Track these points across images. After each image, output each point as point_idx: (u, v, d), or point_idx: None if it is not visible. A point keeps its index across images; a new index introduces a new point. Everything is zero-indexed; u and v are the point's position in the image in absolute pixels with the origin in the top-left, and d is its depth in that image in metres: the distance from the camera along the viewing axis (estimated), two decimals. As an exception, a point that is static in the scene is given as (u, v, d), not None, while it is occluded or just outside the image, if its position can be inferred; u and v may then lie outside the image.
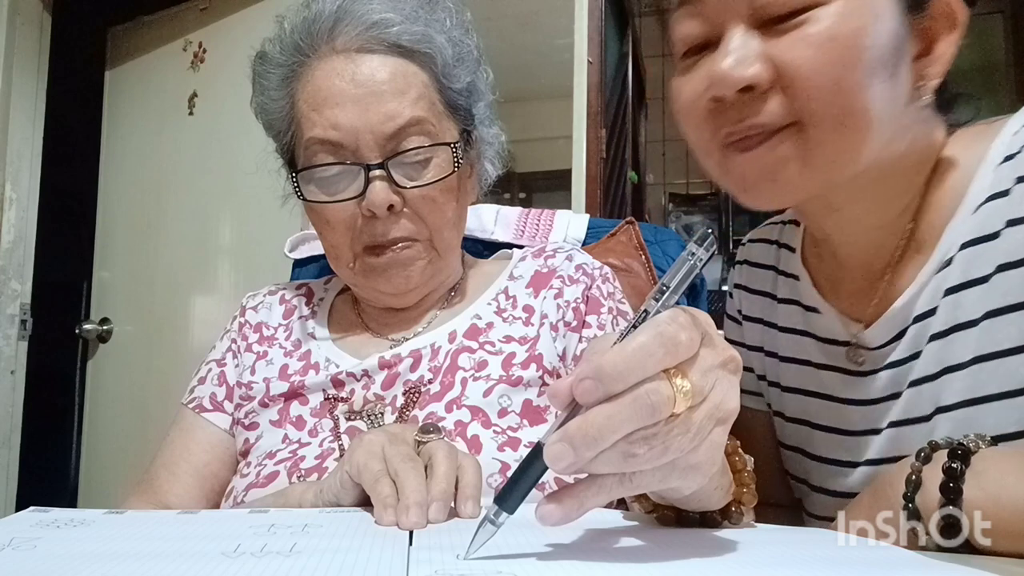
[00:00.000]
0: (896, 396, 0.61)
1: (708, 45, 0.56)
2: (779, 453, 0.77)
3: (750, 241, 0.81)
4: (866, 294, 0.65)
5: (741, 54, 0.53)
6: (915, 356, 0.60)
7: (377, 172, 0.73)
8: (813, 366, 0.69)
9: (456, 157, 0.76)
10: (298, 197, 0.78)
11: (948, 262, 0.58)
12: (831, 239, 0.67)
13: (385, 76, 0.73)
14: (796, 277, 0.73)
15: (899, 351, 0.62)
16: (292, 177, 0.77)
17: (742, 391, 0.83)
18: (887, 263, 0.63)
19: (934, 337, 0.58)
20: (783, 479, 0.76)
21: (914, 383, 0.60)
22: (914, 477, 0.48)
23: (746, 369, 0.79)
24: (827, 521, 0.59)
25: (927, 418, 0.59)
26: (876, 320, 0.63)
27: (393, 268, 0.76)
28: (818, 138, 0.53)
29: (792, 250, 0.74)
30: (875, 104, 0.52)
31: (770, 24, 0.53)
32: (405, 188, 0.74)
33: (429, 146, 0.74)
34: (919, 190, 0.61)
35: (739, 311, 0.81)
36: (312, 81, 0.75)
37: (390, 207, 0.73)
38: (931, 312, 0.59)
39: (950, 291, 0.58)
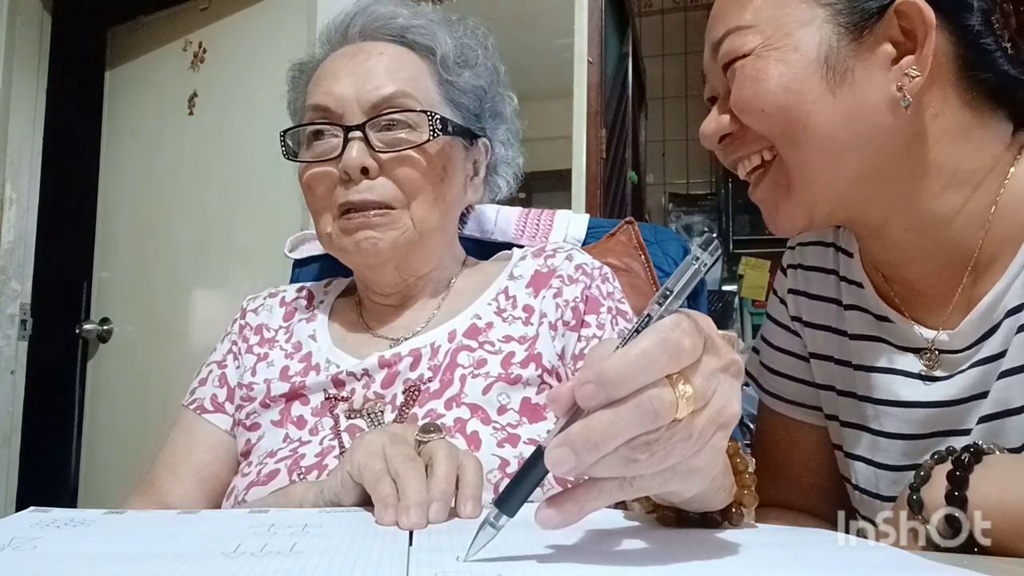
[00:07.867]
0: (984, 395, 0.60)
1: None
2: (827, 467, 0.74)
3: (800, 244, 0.77)
4: (941, 300, 0.63)
5: (712, 114, 0.65)
6: (1003, 352, 0.59)
7: (355, 134, 0.75)
8: (890, 372, 0.67)
9: (433, 127, 0.77)
10: (285, 156, 0.82)
11: None
12: (892, 262, 0.67)
13: (382, 57, 0.80)
14: (860, 284, 0.70)
15: (987, 348, 0.60)
16: (282, 137, 0.82)
17: (793, 404, 0.78)
18: (962, 267, 0.62)
19: (1022, 329, 0.57)
20: (829, 493, 0.74)
21: (1003, 375, 0.59)
22: (923, 473, 0.49)
23: (800, 381, 0.76)
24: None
25: (1021, 409, 0.58)
26: (958, 323, 0.62)
27: (363, 231, 0.76)
28: (789, 162, 0.60)
29: (850, 255, 0.72)
30: (817, 118, 0.58)
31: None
32: (381, 152, 0.75)
33: (404, 111, 0.77)
34: (986, 192, 0.59)
35: (795, 318, 0.77)
36: (322, 66, 0.82)
37: (364, 170, 0.75)
38: (1020, 307, 0.58)
39: None
